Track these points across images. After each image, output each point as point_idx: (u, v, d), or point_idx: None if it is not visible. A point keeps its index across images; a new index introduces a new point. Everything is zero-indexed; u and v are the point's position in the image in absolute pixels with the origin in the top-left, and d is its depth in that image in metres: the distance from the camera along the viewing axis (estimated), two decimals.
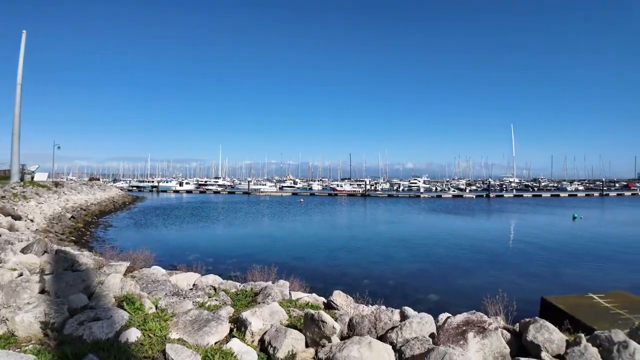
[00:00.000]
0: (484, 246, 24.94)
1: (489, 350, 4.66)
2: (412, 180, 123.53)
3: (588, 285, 14.88)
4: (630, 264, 19.71)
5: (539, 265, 19.36)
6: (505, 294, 8.39)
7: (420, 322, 5.19)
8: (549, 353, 4.74)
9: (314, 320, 4.88)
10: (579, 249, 23.97)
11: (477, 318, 4.99)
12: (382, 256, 21.07)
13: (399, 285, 15.46)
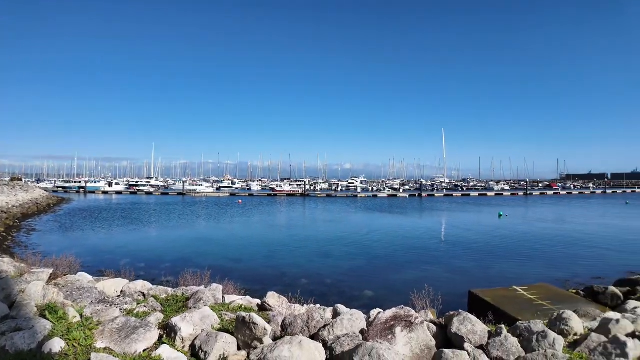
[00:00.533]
0: (416, 243, 25.84)
1: (416, 343, 4.84)
2: (350, 180, 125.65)
3: (513, 278, 15.77)
4: (552, 258, 21.12)
5: (468, 261, 20.30)
6: (431, 288, 8.70)
7: (351, 319, 5.30)
8: (472, 344, 4.99)
9: (245, 323, 4.85)
10: (504, 245, 25.42)
11: (405, 313, 5.16)
12: (320, 255, 21.23)
13: (336, 283, 15.65)
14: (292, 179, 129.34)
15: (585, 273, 17.34)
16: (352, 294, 14.18)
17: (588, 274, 17.04)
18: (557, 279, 15.95)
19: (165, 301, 6.95)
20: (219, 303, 7.10)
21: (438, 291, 9.95)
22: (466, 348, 4.83)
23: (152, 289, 8.02)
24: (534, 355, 4.62)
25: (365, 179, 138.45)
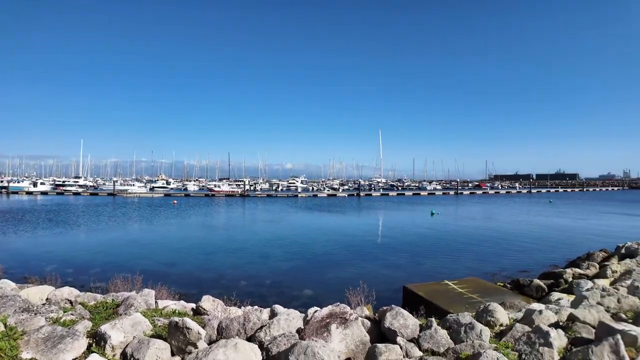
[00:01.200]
0: (354, 241, 26.30)
1: (351, 339, 4.91)
2: (291, 180, 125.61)
3: (445, 273, 16.46)
4: (481, 253, 22.24)
5: (403, 257, 20.94)
6: (365, 285, 8.89)
7: (288, 318, 5.30)
8: (404, 337, 5.14)
9: (178, 328, 4.72)
10: (437, 241, 26.47)
11: (340, 310, 5.23)
12: (259, 256, 21.02)
13: (275, 284, 15.59)
14: (231, 179, 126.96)
15: (512, 267, 18.39)
16: (292, 294, 14.20)
17: (515, 268, 18.09)
18: (486, 273, 16.81)
19: (94, 308, 6.62)
20: (151, 309, 6.85)
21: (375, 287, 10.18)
22: (398, 342, 4.96)
23: (80, 295, 7.60)
24: (462, 346, 4.82)
25: (306, 179, 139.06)
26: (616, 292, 7.74)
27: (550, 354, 4.54)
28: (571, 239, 27.53)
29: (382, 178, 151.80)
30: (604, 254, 17.47)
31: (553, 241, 26.85)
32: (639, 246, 15.69)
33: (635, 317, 6.13)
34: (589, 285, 9.53)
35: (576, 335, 5.37)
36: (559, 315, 6.26)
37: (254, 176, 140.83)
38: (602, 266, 13.96)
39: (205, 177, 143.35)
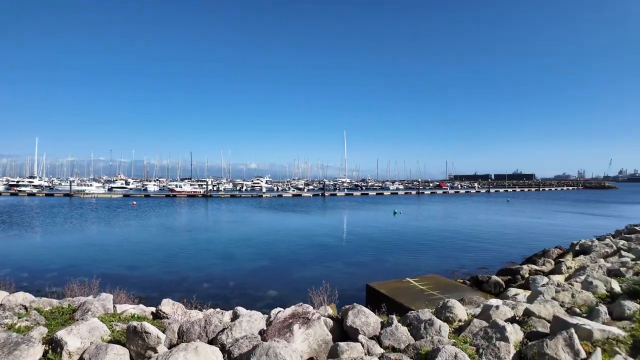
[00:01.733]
0: (319, 240, 26.38)
1: (313, 338, 4.93)
2: (255, 180, 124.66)
3: (406, 270, 16.74)
4: (441, 251, 22.76)
5: (366, 256, 21.18)
6: (328, 284, 8.93)
7: (250, 320, 5.27)
8: (365, 335, 5.20)
9: (137, 333, 4.62)
10: (399, 240, 26.92)
11: (303, 310, 5.24)
12: (223, 257, 20.75)
13: (239, 285, 15.45)
14: (193, 179, 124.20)
15: (472, 264, 18.91)
16: (256, 295, 14.11)
17: (474, 265, 18.60)
18: (446, 270, 17.22)
19: (50, 314, 6.41)
20: (109, 313, 6.68)
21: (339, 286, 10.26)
22: (360, 339, 5.02)
23: (35, 301, 7.31)
24: (422, 342, 4.93)
25: (271, 179, 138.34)
26: (571, 287, 8.06)
27: (507, 348, 4.69)
28: (528, 237, 28.56)
29: (347, 178, 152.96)
30: (559, 251, 18.18)
31: (510, 239, 27.77)
32: (592, 243, 16.39)
33: (589, 311, 6.39)
34: (544, 281, 9.88)
35: (532, 330, 5.56)
36: (516, 310, 6.47)
37: (217, 176, 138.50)
38: (558, 262, 14.50)
39: (166, 177, 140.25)
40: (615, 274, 9.72)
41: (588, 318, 5.97)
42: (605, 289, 7.81)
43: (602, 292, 7.65)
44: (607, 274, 10.04)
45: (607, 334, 5.10)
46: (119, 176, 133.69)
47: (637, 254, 12.80)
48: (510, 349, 4.72)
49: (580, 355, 4.54)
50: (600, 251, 14.82)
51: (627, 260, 11.78)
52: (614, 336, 5.09)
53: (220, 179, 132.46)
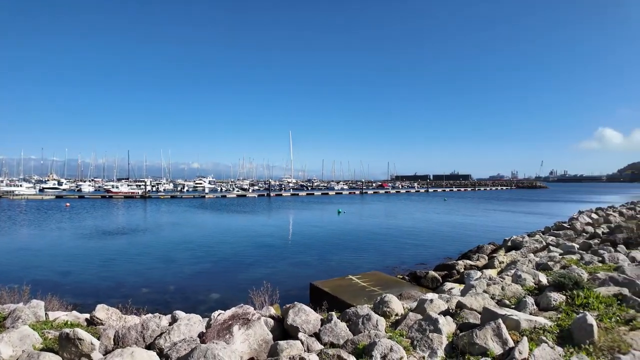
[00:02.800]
0: (263, 241, 26.23)
1: (254, 339, 4.94)
2: (198, 180, 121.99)
3: (349, 268, 17.07)
4: (383, 248, 23.35)
5: (311, 255, 21.34)
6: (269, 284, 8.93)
7: (188, 323, 5.22)
8: (306, 333, 5.28)
9: (69, 340, 4.46)
10: (343, 238, 27.35)
11: (243, 311, 5.25)
12: (162, 261, 20.14)
13: (180, 289, 15.07)
14: (130, 179, 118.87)
15: (411, 260, 19.54)
16: (198, 299, 13.84)
17: (413, 261, 19.24)
18: (387, 267, 17.72)
19: None
20: (41, 321, 6.37)
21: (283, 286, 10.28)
22: (300, 337, 5.09)
23: None
24: (359, 336, 5.06)
25: (214, 179, 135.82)
26: (501, 280, 8.51)
27: (439, 339, 4.92)
28: (463, 234, 29.89)
29: (293, 178, 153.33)
30: (493, 247, 19.15)
31: (447, 236, 28.96)
32: (523, 239, 17.33)
33: (518, 303, 6.79)
34: (478, 275, 10.38)
35: (464, 321, 5.84)
36: (449, 303, 6.77)
37: (157, 176, 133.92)
38: (491, 258, 15.23)
39: (102, 177, 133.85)
40: (544, 268, 10.35)
41: (516, 309, 6.33)
42: (534, 282, 8.31)
43: (531, 285, 8.14)
44: (536, 267, 10.67)
45: (533, 323, 5.43)
46: (51, 176, 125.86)
47: (564, 248, 13.69)
48: (442, 340, 4.95)
49: (508, 344, 4.82)
50: (530, 246, 15.73)
51: (555, 254, 12.57)
52: (540, 326, 5.42)
53: (160, 179, 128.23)
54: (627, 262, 10.08)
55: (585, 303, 6.35)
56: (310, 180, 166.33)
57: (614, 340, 4.89)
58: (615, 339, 4.90)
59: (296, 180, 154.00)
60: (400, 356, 4.43)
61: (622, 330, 5.21)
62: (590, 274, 8.37)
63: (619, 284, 7.21)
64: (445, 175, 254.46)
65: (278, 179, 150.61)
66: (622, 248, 12.61)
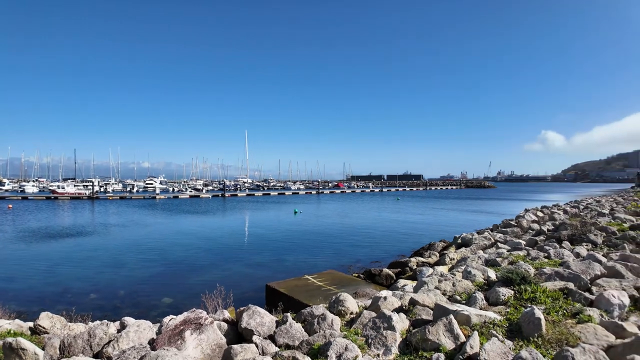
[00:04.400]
0: (218, 243, 25.78)
1: (206, 344, 4.81)
2: (148, 180, 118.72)
3: (306, 268, 17.06)
4: (338, 247, 23.51)
5: (267, 256, 21.16)
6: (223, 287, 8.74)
7: (138, 330, 5.03)
8: (260, 335, 5.18)
9: (12, 349, 4.22)
10: (299, 238, 27.31)
11: (195, 315, 5.10)
12: (112, 265, 19.35)
13: (131, 294, 14.54)
14: (77, 179, 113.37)
15: (366, 258, 19.77)
16: (149, 304, 13.40)
17: (368, 260, 19.45)
18: (343, 265, 17.83)
19: None
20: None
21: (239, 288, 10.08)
22: (254, 340, 5.00)
23: None
24: (315, 337, 5.03)
25: (166, 179, 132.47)
26: (452, 277, 8.70)
27: (393, 336, 4.95)
28: (416, 232, 30.59)
29: (248, 178, 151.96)
30: (444, 244, 19.63)
31: (400, 234, 29.52)
32: (472, 236, 17.84)
33: (468, 298, 6.95)
34: (429, 272, 10.57)
35: (417, 318, 5.92)
36: (403, 300, 6.84)
37: (105, 176, 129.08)
38: (442, 254, 15.60)
39: (47, 177, 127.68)
40: (492, 264, 10.67)
41: (467, 305, 6.48)
42: (483, 278, 8.55)
43: (480, 281, 8.37)
44: (485, 264, 10.99)
45: (484, 318, 5.57)
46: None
47: (511, 245, 14.17)
48: (396, 337, 4.99)
49: (459, 339, 4.91)
50: (479, 243, 16.21)
51: (503, 251, 12.99)
52: (490, 320, 5.56)
53: (108, 179, 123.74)
54: (571, 257, 10.54)
55: (532, 297, 6.57)
56: (267, 180, 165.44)
57: (561, 333, 5.07)
58: (563, 332, 5.08)
59: (252, 180, 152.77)
60: (355, 355, 4.42)
61: (569, 323, 5.41)
62: (536, 270, 8.69)
63: (564, 279, 7.51)
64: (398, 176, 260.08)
65: (233, 179, 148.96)
66: (567, 244, 13.18)
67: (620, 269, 7.96)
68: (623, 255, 9.54)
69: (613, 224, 16.88)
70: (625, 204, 30.45)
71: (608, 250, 11.57)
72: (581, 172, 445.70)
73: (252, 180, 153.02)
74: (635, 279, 7.62)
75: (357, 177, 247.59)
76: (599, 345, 4.68)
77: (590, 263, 8.35)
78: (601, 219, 18.82)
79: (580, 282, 7.28)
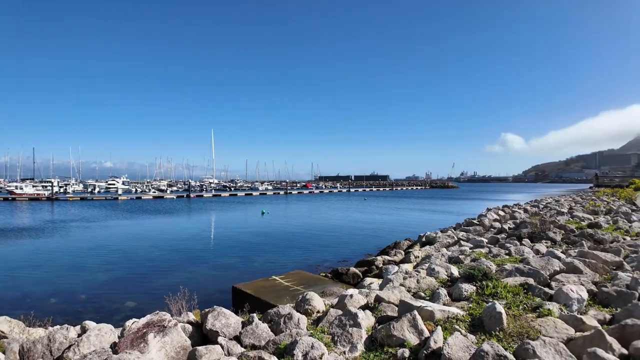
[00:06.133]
0: (183, 245, 25.32)
1: (170, 346, 4.73)
2: (111, 181, 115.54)
3: (273, 269, 16.97)
4: (306, 247, 23.51)
5: (233, 257, 20.93)
6: (186, 289, 8.62)
7: (99, 334, 4.91)
8: (226, 336, 5.14)
9: None
10: (266, 239, 27.14)
11: (159, 318, 5.01)
12: (73, 268, 18.72)
13: (93, 298, 14.12)
14: (36, 179, 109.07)
15: (333, 258, 19.86)
16: (112, 308, 13.04)
17: (335, 259, 19.56)
18: (311, 265, 17.87)
19: None
20: None
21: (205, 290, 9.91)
22: (220, 341, 4.95)
23: None
24: (281, 336, 5.03)
25: (129, 180, 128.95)
26: (417, 274, 8.85)
27: (359, 333, 5.00)
28: (382, 231, 30.97)
29: (215, 179, 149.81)
30: (409, 242, 19.94)
31: (367, 233, 29.82)
32: (436, 235, 18.18)
33: (432, 294, 7.08)
34: (395, 270, 10.72)
35: (382, 314, 6.00)
36: (369, 297, 6.92)
37: (65, 176, 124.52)
38: (407, 253, 15.85)
39: (4, 177, 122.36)
40: (455, 261, 10.91)
41: (431, 301, 6.61)
42: (446, 275, 8.74)
43: (444, 277, 8.55)
44: (449, 261, 11.23)
45: (447, 313, 5.69)
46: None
47: (474, 243, 14.54)
48: (362, 333, 5.04)
49: (423, 334, 5.00)
50: (443, 242, 16.55)
51: (465, 248, 13.31)
52: (453, 315, 5.69)
53: (68, 179, 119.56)
54: (531, 254, 10.89)
55: (494, 293, 6.76)
56: (234, 180, 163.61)
57: (522, 326, 5.23)
58: (523, 326, 5.24)
59: (218, 180, 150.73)
60: (321, 353, 4.44)
61: (529, 317, 5.59)
62: (498, 266, 8.95)
63: (524, 274, 7.76)
64: (365, 176, 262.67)
65: (199, 180, 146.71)
66: (527, 242, 13.61)
67: (579, 264, 8.28)
68: (581, 252, 9.93)
69: (572, 222, 17.56)
70: (584, 203, 31.74)
71: (567, 247, 12.04)
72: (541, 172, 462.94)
73: (219, 180, 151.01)
74: (593, 275, 7.95)
75: (325, 178, 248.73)
76: (559, 338, 4.85)
77: (550, 259, 8.65)
78: (560, 218, 19.54)
79: (540, 277, 7.53)
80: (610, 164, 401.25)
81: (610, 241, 12.51)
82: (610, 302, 6.27)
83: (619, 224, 16.38)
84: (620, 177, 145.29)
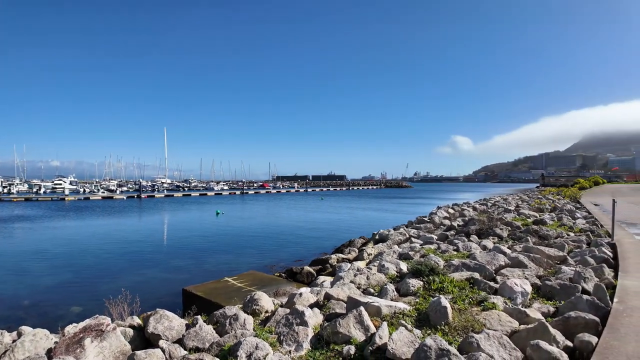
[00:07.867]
0: (133, 247, 24.53)
1: (109, 351, 4.56)
2: (57, 180, 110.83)
3: (226, 270, 16.69)
4: (261, 248, 23.30)
5: (185, 259, 20.44)
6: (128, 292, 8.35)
7: (34, 339, 4.68)
8: (169, 340, 4.99)
9: None
10: (220, 240, 26.71)
11: (97, 322, 4.83)
12: (14, 272, 17.74)
13: (37, 304, 13.42)
14: None
15: (289, 258, 19.77)
16: (57, 314, 12.42)
17: (291, 258, 19.48)
18: (266, 266, 17.71)
19: None
20: None
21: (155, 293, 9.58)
22: (161, 345, 4.82)
23: None
24: (226, 337, 4.94)
25: (77, 179, 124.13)
26: (368, 271, 8.95)
27: (305, 332, 4.98)
28: (338, 230, 31.18)
29: (167, 178, 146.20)
30: (363, 240, 20.15)
31: (324, 232, 29.93)
32: (389, 232, 18.45)
33: (380, 290, 7.17)
34: (348, 267, 10.81)
35: (330, 312, 6.01)
36: (319, 295, 6.92)
37: (9, 176, 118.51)
38: (361, 250, 15.99)
39: None
40: (405, 257, 11.13)
41: (379, 296, 6.69)
42: (396, 270, 8.89)
43: (393, 273, 8.69)
44: (399, 257, 11.44)
45: (394, 309, 5.76)
46: None
47: (424, 240, 14.88)
48: (308, 332, 5.02)
49: (370, 330, 5.04)
50: (395, 239, 16.82)
51: (416, 245, 13.61)
52: (400, 310, 5.77)
53: (12, 179, 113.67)
54: (478, 250, 11.25)
55: (440, 287, 6.91)
56: (187, 180, 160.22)
57: (467, 320, 5.36)
58: (468, 319, 5.37)
59: (171, 180, 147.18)
60: (265, 353, 4.39)
61: (474, 311, 5.74)
62: (446, 262, 9.18)
63: (470, 269, 7.98)
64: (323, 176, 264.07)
65: (150, 179, 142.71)
66: (475, 238, 14.07)
67: (524, 259, 8.61)
68: (526, 247, 10.35)
69: (518, 219, 18.27)
70: (530, 201, 33.17)
71: (513, 243, 12.51)
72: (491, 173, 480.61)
73: (172, 180, 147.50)
74: (537, 269, 8.28)
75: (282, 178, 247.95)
76: (503, 330, 5.00)
77: (495, 254, 8.95)
78: (507, 215, 20.31)
79: (486, 272, 7.76)
80: (556, 164, 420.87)
81: (554, 237, 13.09)
82: (554, 295, 6.52)
83: (564, 221, 17.19)
84: (566, 177, 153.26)
